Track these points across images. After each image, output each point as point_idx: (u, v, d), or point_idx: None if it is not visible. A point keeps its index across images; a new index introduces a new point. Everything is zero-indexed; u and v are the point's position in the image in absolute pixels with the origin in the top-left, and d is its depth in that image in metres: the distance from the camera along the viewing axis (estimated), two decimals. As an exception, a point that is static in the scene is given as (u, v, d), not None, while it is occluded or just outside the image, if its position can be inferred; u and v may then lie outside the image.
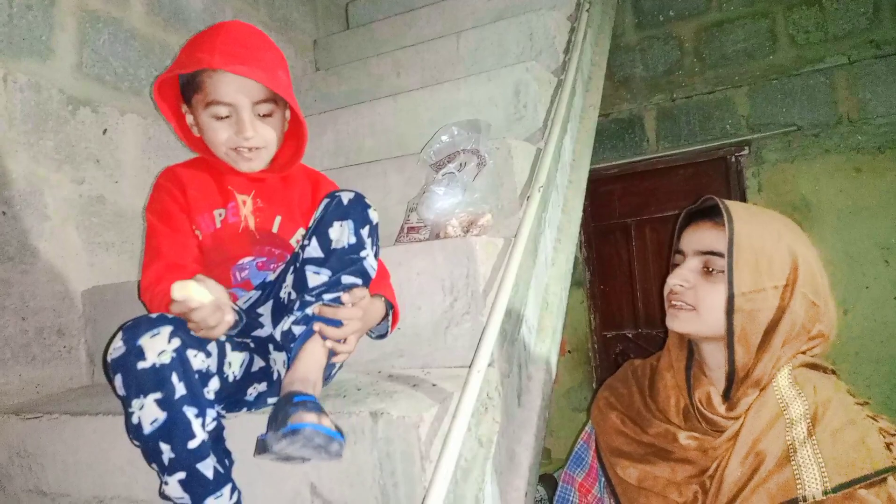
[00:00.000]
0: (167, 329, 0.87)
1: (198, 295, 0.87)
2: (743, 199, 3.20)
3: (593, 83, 2.43)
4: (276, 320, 1.09)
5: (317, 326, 0.99)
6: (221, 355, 0.99)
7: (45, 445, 1.21)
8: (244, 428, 1.03)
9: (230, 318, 0.92)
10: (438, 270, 1.26)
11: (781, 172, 3.13)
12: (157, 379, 0.85)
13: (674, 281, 1.05)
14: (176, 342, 0.87)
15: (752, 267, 0.98)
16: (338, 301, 1.00)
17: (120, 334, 0.87)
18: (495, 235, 1.41)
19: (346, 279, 1.00)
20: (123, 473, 1.13)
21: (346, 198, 1.02)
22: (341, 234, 1.00)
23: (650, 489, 1.03)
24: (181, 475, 0.87)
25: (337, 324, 0.99)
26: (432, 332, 1.26)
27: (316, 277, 0.99)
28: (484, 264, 1.26)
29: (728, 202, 1.05)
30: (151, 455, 0.88)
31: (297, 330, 0.99)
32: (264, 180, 1.17)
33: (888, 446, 0.92)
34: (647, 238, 3.44)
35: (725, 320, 0.98)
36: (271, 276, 1.12)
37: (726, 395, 1.00)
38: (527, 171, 1.61)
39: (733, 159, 3.22)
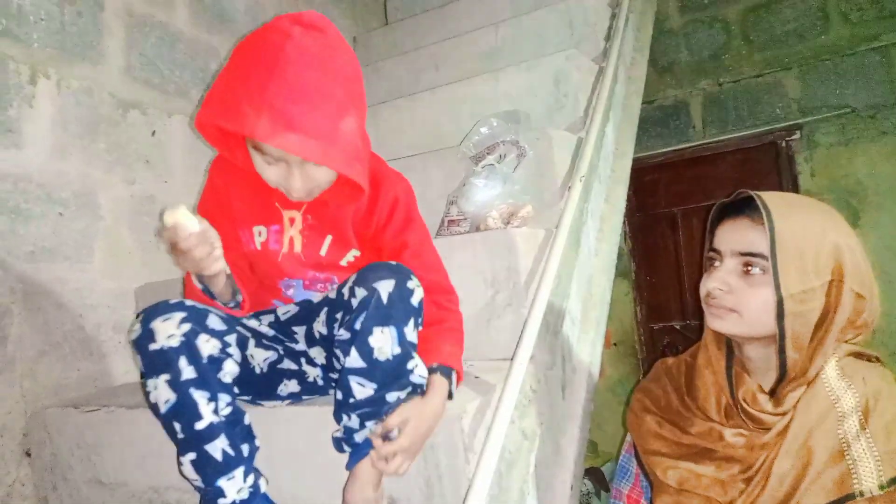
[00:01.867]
0: (179, 315, 0.91)
1: (187, 221, 0.87)
2: (795, 184, 3.10)
3: (636, 70, 2.38)
4: (309, 343, 1.10)
5: (367, 463, 0.95)
6: (242, 346, 1.03)
7: (103, 437, 1.25)
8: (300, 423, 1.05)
9: (219, 253, 0.92)
10: (479, 263, 1.26)
11: (835, 157, 3.01)
12: (164, 361, 0.90)
13: (713, 285, 1.00)
14: (185, 327, 0.90)
15: (797, 267, 0.93)
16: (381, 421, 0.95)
17: (139, 317, 0.92)
18: (536, 227, 1.39)
19: (391, 396, 0.94)
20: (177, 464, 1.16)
21: (385, 292, 0.92)
22: (384, 343, 0.92)
23: (692, 490, 0.99)
24: (192, 455, 0.92)
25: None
26: (474, 324, 1.26)
27: (361, 390, 0.93)
28: (525, 256, 1.25)
29: (765, 195, 0.99)
30: (170, 434, 0.93)
31: (347, 448, 0.98)
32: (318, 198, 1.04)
33: None
34: (693, 228, 3.35)
35: (776, 324, 0.94)
36: (317, 297, 1.10)
37: (772, 392, 0.98)
38: (568, 161, 1.59)
39: (784, 144, 3.11)
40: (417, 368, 0.95)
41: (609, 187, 1.97)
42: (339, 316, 0.97)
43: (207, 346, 0.92)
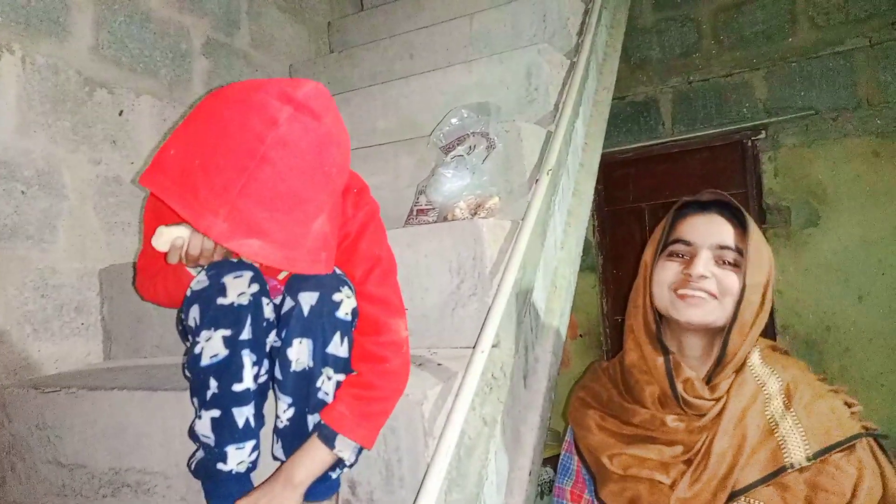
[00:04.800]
0: (249, 274, 0.91)
1: (177, 231, 0.87)
2: (759, 183, 3.17)
3: (607, 66, 2.41)
4: None
5: None
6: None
7: (63, 418, 1.25)
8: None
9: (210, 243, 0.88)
10: (446, 252, 1.28)
11: (798, 157, 3.09)
12: (232, 317, 0.89)
13: (701, 271, 1.06)
14: (255, 287, 0.91)
15: (757, 263, 1.04)
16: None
17: (205, 271, 0.92)
18: (503, 218, 1.42)
19: (311, 419, 0.92)
20: (139, 446, 1.16)
21: (307, 304, 0.89)
22: (300, 355, 0.90)
23: (637, 475, 1.05)
24: (216, 412, 0.91)
25: None
26: (440, 313, 1.28)
27: (281, 405, 0.93)
28: (491, 246, 1.27)
29: (734, 202, 1.10)
30: (198, 388, 0.92)
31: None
32: None
33: (853, 415, 1.02)
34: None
35: (733, 309, 1.04)
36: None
37: (707, 381, 1.06)
38: (536, 154, 1.61)
39: (749, 143, 3.18)
40: (324, 387, 0.91)
41: (577, 181, 2.00)
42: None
43: (267, 309, 0.93)
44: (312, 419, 0.93)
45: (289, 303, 0.91)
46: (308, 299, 0.90)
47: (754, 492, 0.99)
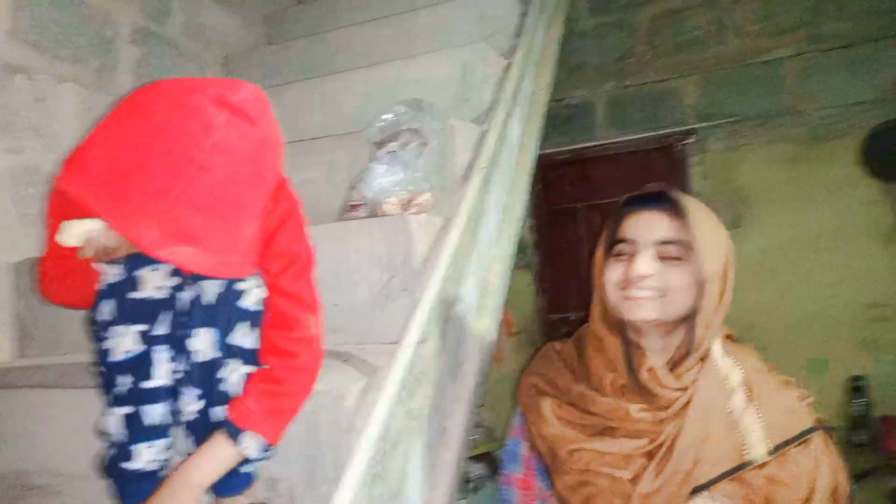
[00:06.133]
0: (167, 266, 0.88)
1: (90, 224, 0.83)
2: (686, 185, 3.29)
3: (545, 67, 2.45)
4: None
5: None
6: None
7: (-30, 418, 1.19)
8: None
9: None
10: (376, 247, 1.28)
11: (725, 161, 3.23)
12: (148, 311, 0.88)
13: (642, 270, 1.04)
14: (174, 280, 0.88)
15: (710, 252, 1.02)
16: None
17: (120, 263, 0.89)
18: (436, 215, 1.43)
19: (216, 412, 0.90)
20: (49, 447, 1.12)
21: (211, 292, 0.87)
22: (204, 345, 0.88)
23: (597, 469, 1.03)
24: (127, 409, 0.89)
25: None
26: (369, 308, 1.28)
27: (189, 398, 0.91)
28: (421, 242, 1.28)
29: (676, 192, 1.08)
30: (110, 385, 0.89)
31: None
32: None
33: (806, 408, 1.03)
34: (595, 223, 3.51)
35: (693, 303, 1.02)
36: None
37: (671, 370, 1.05)
38: (470, 152, 1.63)
39: (679, 147, 3.30)
40: (230, 377, 0.90)
41: (512, 180, 2.02)
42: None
43: (186, 302, 0.90)
44: (219, 412, 0.91)
45: (192, 292, 0.89)
46: (211, 288, 0.88)
47: (717, 486, 0.98)
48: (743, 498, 0.98)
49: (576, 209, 3.57)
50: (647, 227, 1.06)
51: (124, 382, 0.88)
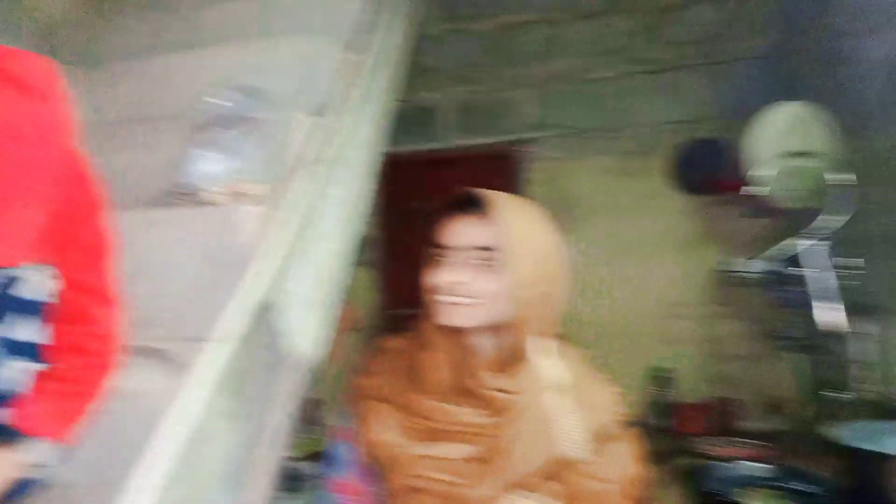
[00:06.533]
0: None
1: None
2: (523, 192, 3.47)
3: (393, 67, 2.46)
4: None
5: None
6: None
7: None
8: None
9: None
10: (198, 237, 1.21)
11: (558, 171, 3.44)
12: None
13: (451, 278, 1.06)
14: None
15: (524, 258, 1.04)
16: None
17: None
18: (267, 206, 1.38)
19: None
20: None
21: None
22: None
23: (429, 475, 1.03)
24: None
25: None
26: (187, 301, 1.21)
27: None
28: (246, 234, 1.23)
29: (489, 193, 1.09)
30: None
31: None
32: None
33: (618, 405, 1.11)
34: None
35: (509, 309, 1.04)
36: None
37: (497, 373, 1.08)
38: (307, 143, 1.59)
39: (519, 155, 3.48)
40: (12, 375, 0.81)
41: (355, 176, 2.01)
42: None
43: None
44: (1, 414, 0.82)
45: None
46: None
47: (537, 483, 1.02)
48: (563, 494, 1.03)
49: (420, 209, 3.63)
50: (461, 232, 1.08)
51: None
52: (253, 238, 1.25)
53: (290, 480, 2.31)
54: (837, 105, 2.46)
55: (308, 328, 1.52)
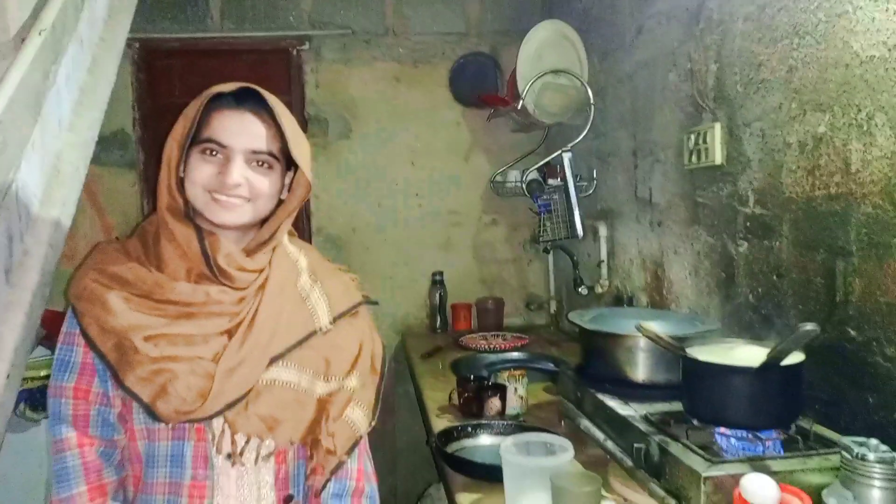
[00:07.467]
0: None
1: None
2: (302, 92, 3.32)
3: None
4: None
5: None
6: None
7: None
8: None
9: None
10: None
11: (337, 73, 3.34)
12: None
13: (236, 180, 1.08)
14: None
15: (302, 161, 1.12)
16: None
17: None
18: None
19: None
20: None
21: None
22: None
23: (173, 355, 1.04)
24: None
25: None
26: None
27: None
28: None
29: (266, 94, 1.12)
30: None
31: None
32: None
33: (356, 287, 1.29)
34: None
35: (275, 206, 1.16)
36: None
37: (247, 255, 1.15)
38: (28, 10, 1.35)
39: (295, 53, 3.29)
40: None
41: (96, 57, 1.76)
42: None
43: None
44: None
45: None
46: None
47: (290, 355, 1.14)
48: (310, 360, 1.16)
49: (185, 104, 3.30)
50: (240, 132, 1.09)
51: None
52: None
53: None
54: (589, 27, 2.68)
55: (44, 227, 1.34)
